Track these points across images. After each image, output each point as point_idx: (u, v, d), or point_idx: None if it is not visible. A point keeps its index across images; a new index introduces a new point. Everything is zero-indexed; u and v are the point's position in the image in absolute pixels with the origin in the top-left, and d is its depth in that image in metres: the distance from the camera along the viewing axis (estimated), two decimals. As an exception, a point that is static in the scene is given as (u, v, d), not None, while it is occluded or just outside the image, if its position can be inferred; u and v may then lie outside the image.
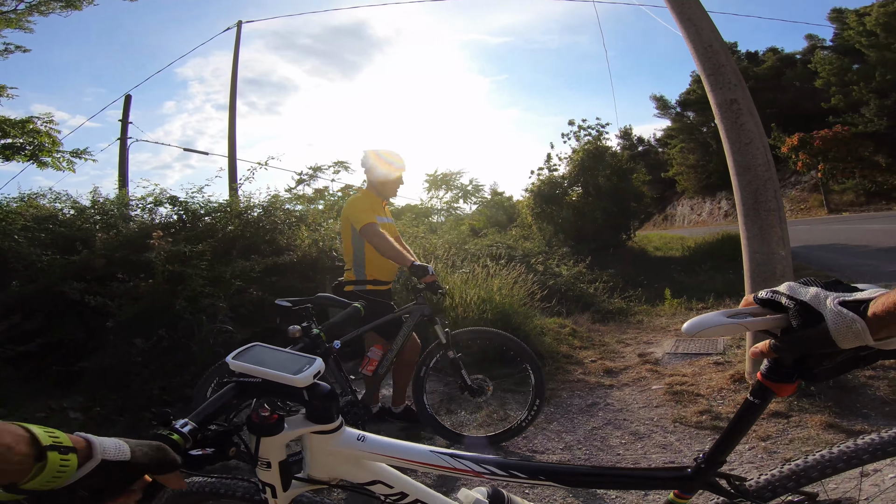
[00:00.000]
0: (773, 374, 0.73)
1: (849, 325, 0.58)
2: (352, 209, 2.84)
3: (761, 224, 2.96)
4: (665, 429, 2.70)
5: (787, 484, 0.91)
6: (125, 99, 10.80)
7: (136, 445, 0.61)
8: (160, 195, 5.59)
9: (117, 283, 3.99)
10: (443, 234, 8.94)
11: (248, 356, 0.83)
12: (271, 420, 0.79)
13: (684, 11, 3.15)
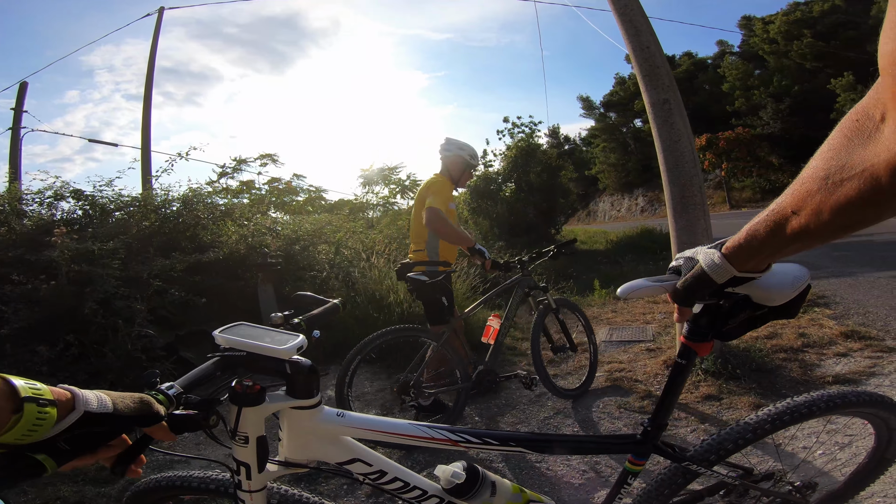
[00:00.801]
0: (692, 335, 0.89)
1: (712, 259, 0.72)
2: (429, 191, 2.96)
3: (689, 217, 3.16)
4: (612, 415, 2.81)
5: (726, 447, 1.05)
6: (20, 86, 9.79)
7: (118, 398, 0.62)
8: (61, 189, 5.01)
9: (11, 286, 3.51)
10: (381, 228, 8.79)
11: (234, 331, 0.83)
12: (254, 390, 0.79)
13: (626, 14, 3.29)
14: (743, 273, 0.72)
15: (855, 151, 0.49)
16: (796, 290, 0.79)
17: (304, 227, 6.42)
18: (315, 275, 5.30)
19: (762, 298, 0.79)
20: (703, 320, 0.87)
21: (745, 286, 0.78)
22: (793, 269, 0.81)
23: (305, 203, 11.83)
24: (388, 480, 0.91)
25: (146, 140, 9.25)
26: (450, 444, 0.92)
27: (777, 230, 0.62)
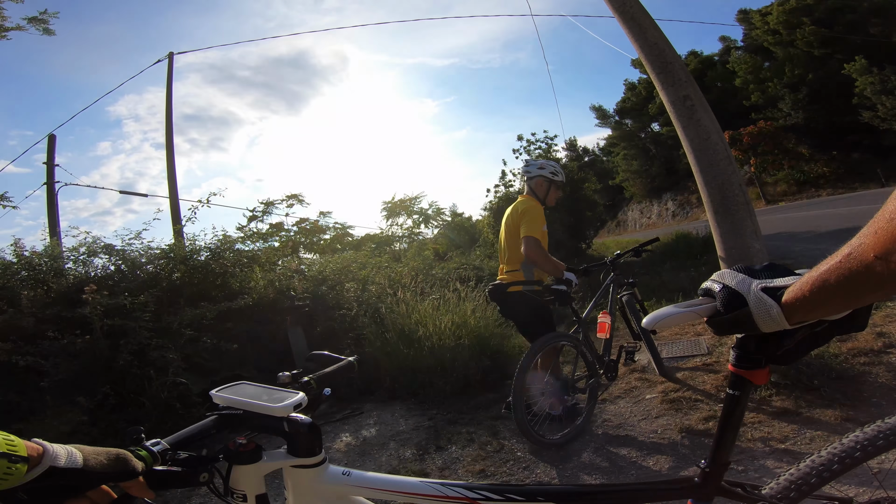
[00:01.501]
0: (742, 363, 0.76)
1: (767, 310, 0.64)
2: (527, 217, 3.07)
3: (733, 219, 2.99)
4: (673, 440, 2.61)
5: (809, 481, 0.90)
6: (49, 139, 9.88)
7: (91, 453, 0.62)
8: (93, 244, 5.17)
9: (49, 342, 3.61)
10: (407, 261, 8.77)
11: (232, 390, 0.84)
12: (248, 447, 0.79)
13: (626, 12, 3.21)
14: (792, 326, 0.63)
15: None
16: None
17: (330, 266, 6.45)
18: (344, 313, 5.28)
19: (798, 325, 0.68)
20: (752, 344, 0.75)
21: None
22: None
23: (333, 241, 11.98)
24: None
25: (173, 188, 9.39)
26: (467, 503, 0.84)
27: (854, 279, 0.51)
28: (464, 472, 2.62)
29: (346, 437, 3.32)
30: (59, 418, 3.26)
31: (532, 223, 3.04)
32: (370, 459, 2.91)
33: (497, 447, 2.86)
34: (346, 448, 3.15)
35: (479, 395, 3.74)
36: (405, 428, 3.34)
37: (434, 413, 3.54)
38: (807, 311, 0.60)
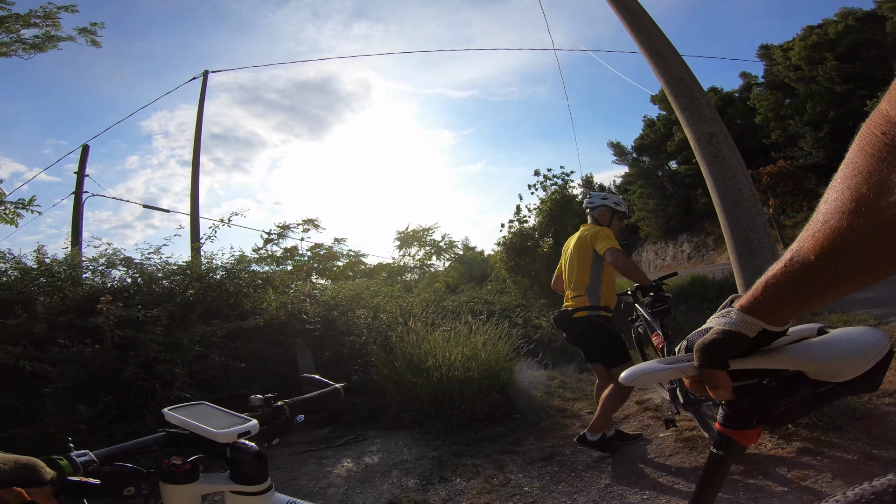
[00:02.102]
0: (730, 422, 0.70)
1: (728, 315, 0.61)
2: (601, 236, 3.07)
3: (756, 262, 2.94)
4: (688, 479, 2.49)
5: None
6: (82, 149, 10.15)
7: (2, 460, 0.63)
8: (113, 256, 5.24)
9: (58, 349, 3.62)
10: (418, 292, 8.74)
11: (186, 410, 0.83)
12: (183, 468, 0.77)
13: (652, 46, 3.26)
14: (773, 326, 0.60)
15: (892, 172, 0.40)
16: (870, 361, 0.62)
17: (343, 292, 6.45)
18: (354, 339, 5.23)
19: (823, 373, 0.63)
20: (743, 402, 0.69)
21: (800, 359, 0.63)
22: (862, 333, 0.65)
23: (346, 268, 12.02)
24: None
25: (195, 205, 9.47)
26: None
27: (801, 281, 0.53)
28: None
29: (348, 463, 3.22)
30: (57, 425, 3.24)
31: (608, 239, 3.04)
32: (371, 487, 2.80)
33: (503, 481, 2.74)
34: (346, 474, 3.04)
35: (487, 429, 3.63)
36: (409, 457, 3.22)
37: (439, 444, 3.42)
38: (769, 310, 0.59)
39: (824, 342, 0.65)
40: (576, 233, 3.38)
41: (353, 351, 5.08)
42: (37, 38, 7.54)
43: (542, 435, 3.35)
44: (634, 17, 3.42)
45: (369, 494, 2.70)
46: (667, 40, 3.32)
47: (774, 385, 0.67)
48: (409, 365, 4.35)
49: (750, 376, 0.67)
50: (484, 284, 12.80)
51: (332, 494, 2.75)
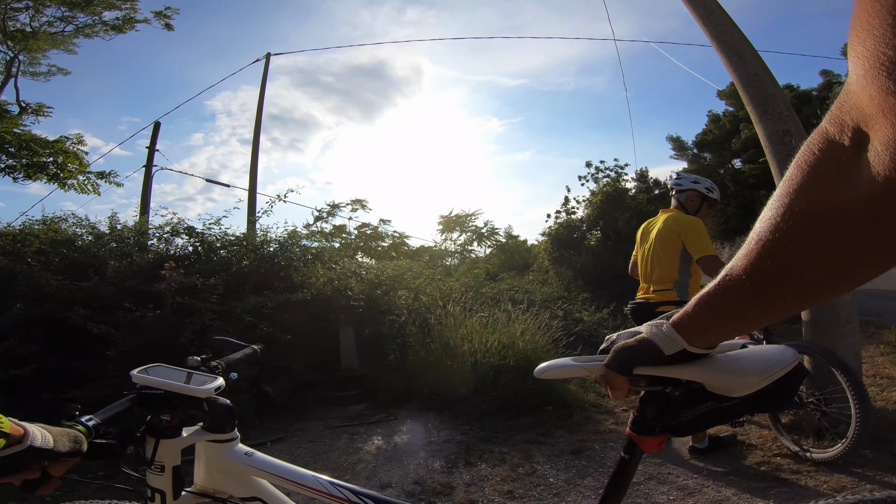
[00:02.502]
0: (636, 426, 0.71)
1: (659, 327, 0.61)
2: (693, 234, 2.81)
3: None
4: (718, 482, 2.41)
5: None
6: (154, 126, 10.80)
7: (57, 435, 0.70)
8: (178, 225, 5.54)
9: (123, 313, 3.87)
10: (458, 276, 8.76)
11: (153, 371, 0.91)
12: (171, 424, 0.89)
13: (725, 41, 3.06)
14: (694, 348, 0.60)
15: (826, 190, 0.38)
16: (766, 379, 0.62)
17: (387, 272, 6.56)
18: (394, 319, 5.32)
19: (719, 387, 0.63)
20: (649, 410, 0.70)
21: (698, 371, 0.63)
22: (769, 351, 0.65)
23: (390, 248, 12.22)
24: None
25: (253, 181, 9.89)
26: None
27: (731, 301, 0.51)
28: (490, 490, 2.52)
29: (378, 441, 3.31)
30: (115, 389, 3.39)
31: (703, 241, 2.79)
32: (398, 465, 2.87)
33: (528, 470, 2.73)
34: (376, 451, 3.13)
35: (517, 417, 3.62)
36: (437, 439, 3.27)
37: (468, 429, 3.45)
38: (696, 329, 0.58)
39: (727, 357, 0.64)
40: (656, 218, 3.12)
41: (393, 330, 5.17)
42: (117, 21, 8.01)
43: (574, 428, 3.31)
44: (707, 11, 3.22)
45: (395, 473, 2.77)
46: (741, 34, 3.10)
47: (678, 395, 0.67)
48: (445, 348, 4.39)
49: (656, 383, 0.67)
50: (525, 274, 12.65)
51: (361, 470, 2.84)
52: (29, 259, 4.25)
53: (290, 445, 3.31)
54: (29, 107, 11.46)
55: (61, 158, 8.82)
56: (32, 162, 8.66)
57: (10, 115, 10.31)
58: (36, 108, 11.47)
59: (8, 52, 11.18)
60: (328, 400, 4.23)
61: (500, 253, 16.02)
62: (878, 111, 0.31)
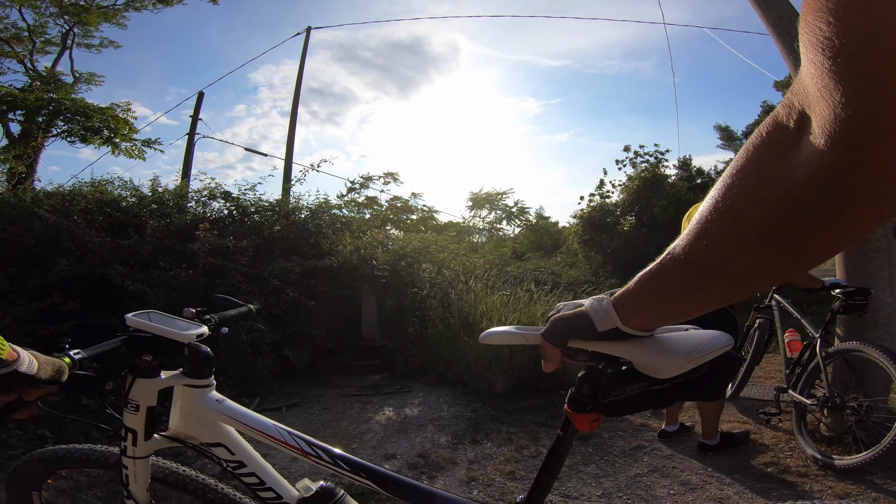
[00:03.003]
0: (571, 402, 0.70)
1: (599, 301, 0.60)
2: None
3: (865, 266, 2.56)
4: (721, 480, 2.33)
5: None
6: (198, 95, 11.15)
7: (43, 362, 0.73)
8: (215, 189, 5.69)
9: (158, 272, 4.01)
10: (484, 253, 8.68)
11: (144, 316, 0.95)
12: (151, 364, 0.92)
13: (784, 28, 2.82)
14: (628, 328, 0.58)
15: (766, 174, 0.37)
16: (692, 362, 0.60)
17: (412, 244, 6.55)
18: (416, 291, 5.33)
19: (647, 367, 0.62)
20: (585, 387, 0.69)
21: (628, 349, 0.61)
22: (699, 335, 0.64)
23: (419, 222, 12.24)
24: (245, 473, 0.95)
25: (290, 151, 10.10)
26: (300, 454, 0.90)
27: (667, 280, 0.50)
28: (493, 469, 2.51)
29: (389, 412, 3.35)
30: None
31: None
32: (405, 438, 2.90)
33: (533, 452, 2.71)
34: (385, 422, 3.17)
35: (529, 398, 3.59)
36: (447, 414, 3.29)
37: (478, 406, 3.45)
38: (632, 307, 0.57)
39: (658, 337, 0.62)
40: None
41: (415, 303, 5.19)
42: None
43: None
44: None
45: (402, 444, 2.80)
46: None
47: (610, 372, 0.66)
48: (464, 324, 4.37)
49: (594, 359, 0.66)
50: (553, 255, 12.44)
51: (368, 440, 2.88)
52: (75, 217, 4.43)
53: (304, 411, 3.39)
54: (82, 76, 12.03)
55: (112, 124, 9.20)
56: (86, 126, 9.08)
57: (66, 84, 10.84)
58: (88, 77, 12.03)
59: (64, 24, 11.63)
60: (347, 368, 4.30)
61: (528, 233, 15.78)
62: (816, 92, 0.30)
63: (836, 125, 0.29)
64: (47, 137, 9.77)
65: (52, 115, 9.24)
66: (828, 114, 0.29)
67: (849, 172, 0.30)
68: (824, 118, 0.29)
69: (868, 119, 0.27)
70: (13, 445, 2.33)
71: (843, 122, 0.28)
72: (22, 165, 8.26)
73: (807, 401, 2.59)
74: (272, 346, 3.93)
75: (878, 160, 0.28)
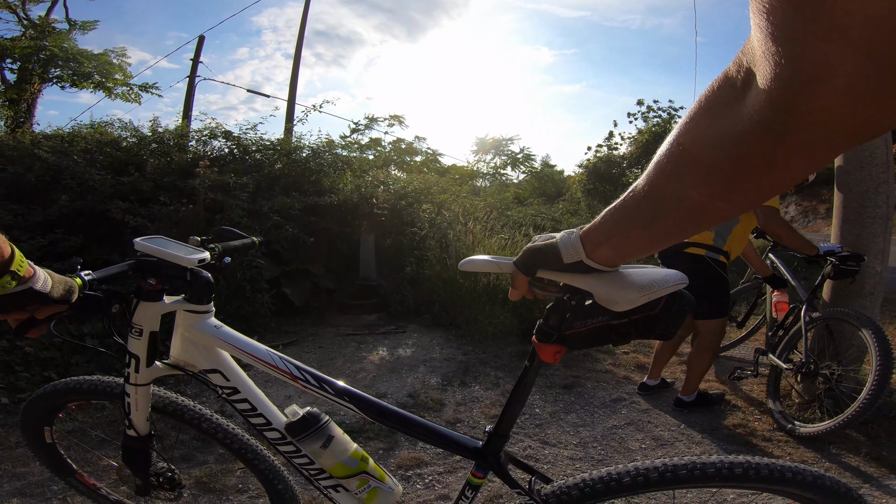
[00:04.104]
0: (538, 333, 0.72)
1: (569, 234, 0.61)
2: None
3: (860, 232, 2.42)
4: (691, 438, 2.34)
5: (595, 486, 0.80)
6: (199, 39, 10.84)
7: (58, 282, 0.73)
8: (215, 129, 5.49)
9: (159, 206, 3.92)
10: (485, 196, 8.49)
11: (152, 241, 0.93)
12: (155, 288, 0.93)
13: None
14: (592, 261, 0.60)
15: (714, 123, 0.39)
16: (646, 296, 0.62)
17: (413, 184, 6.38)
18: (415, 231, 5.24)
19: (604, 299, 0.64)
20: (552, 318, 0.71)
21: (589, 281, 0.63)
22: (655, 271, 0.65)
23: (422, 164, 11.92)
24: (238, 399, 0.96)
25: (293, 91, 9.80)
26: (290, 378, 0.91)
27: (628, 215, 0.53)
28: (478, 412, 2.53)
29: (382, 352, 3.35)
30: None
31: None
32: (397, 378, 2.91)
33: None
34: (379, 361, 3.18)
35: (520, 344, 3.58)
36: (438, 356, 3.29)
37: (470, 349, 3.45)
38: (596, 241, 0.59)
39: (620, 272, 0.63)
40: None
41: (413, 243, 5.11)
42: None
43: (571, 363, 3.25)
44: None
45: (393, 384, 2.82)
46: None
47: (574, 304, 0.67)
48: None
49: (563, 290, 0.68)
50: (555, 202, 12.22)
51: (361, 378, 2.89)
52: (75, 157, 4.31)
53: (300, 349, 3.39)
54: (76, 24, 11.48)
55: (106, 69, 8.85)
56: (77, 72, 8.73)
57: (59, 32, 10.38)
58: (83, 24, 11.51)
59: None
60: (344, 307, 4.29)
61: (532, 180, 15.40)
62: (760, 53, 0.32)
63: (775, 82, 0.31)
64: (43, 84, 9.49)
65: (45, 62, 8.96)
66: (768, 72, 0.31)
67: (782, 123, 0.32)
68: (765, 76, 0.32)
69: (798, 77, 0.29)
70: (21, 388, 2.35)
71: (780, 79, 0.30)
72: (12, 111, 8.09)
73: (783, 365, 2.54)
74: (271, 283, 3.90)
75: (805, 113, 0.30)
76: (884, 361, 2.04)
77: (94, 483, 1.40)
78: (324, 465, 0.96)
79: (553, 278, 0.66)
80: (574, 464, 2.10)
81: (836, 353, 2.47)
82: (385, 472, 1.02)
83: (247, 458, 1.13)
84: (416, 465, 1.99)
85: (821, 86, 0.28)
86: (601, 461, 2.14)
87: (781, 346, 2.66)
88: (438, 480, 1.91)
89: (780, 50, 0.29)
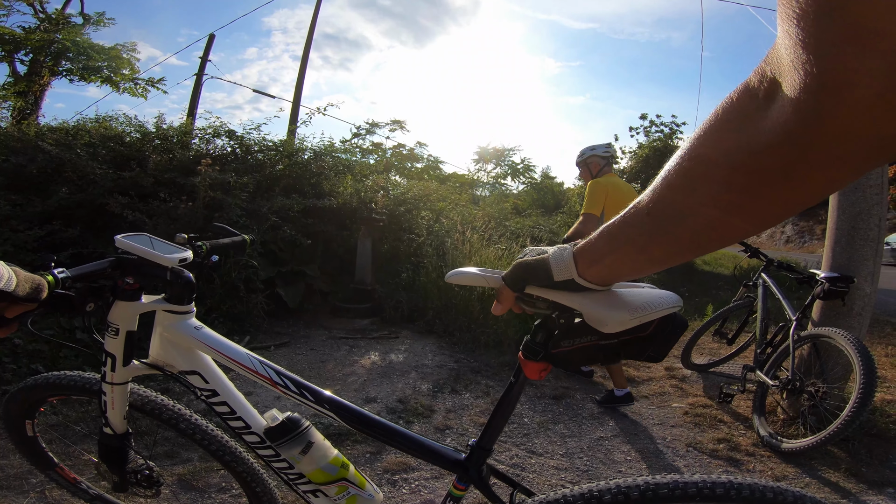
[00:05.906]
0: (524, 349, 0.70)
1: (562, 250, 0.59)
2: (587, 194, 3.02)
3: (852, 254, 2.42)
4: (676, 451, 2.33)
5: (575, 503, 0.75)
6: (209, 37, 10.88)
7: (23, 279, 0.69)
8: (219, 127, 5.48)
9: (158, 202, 3.90)
10: (484, 206, 8.49)
11: (134, 238, 0.90)
12: (131, 287, 0.89)
13: None
14: (584, 279, 0.57)
15: (730, 137, 0.36)
16: (637, 318, 0.58)
17: (413, 190, 6.38)
18: (413, 238, 5.23)
19: (594, 319, 0.60)
20: (539, 335, 0.68)
21: (579, 300, 0.60)
22: (648, 292, 0.61)
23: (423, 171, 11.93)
24: (217, 402, 0.93)
25: (298, 93, 9.78)
26: (269, 384, 0.89)
27: (628, 233, 0.50)
28: (468, 419, 2.50)
29: (375, 357, 3.33)
30: None
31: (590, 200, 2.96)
32: (388, 383, 2.89)
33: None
34: (370, 366, 3.15)
35: (511, 355, 3.56)
36: (430, 363, 3.27)
37: (462, 357, 3.43)
38: (590, 258, 0.56)
39: (612, 291, 0.60)
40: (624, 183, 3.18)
41: (410, 249, 5.09)
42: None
43: (562, 375, 3.23)
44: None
45: (383, 389, 2.79)
46: None
47: (563, 322, 0.65)
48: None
49: (552, 307, 0.65)
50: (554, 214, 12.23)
51: (351, 383, 2.86)
52: (78, 150, 4.29)
53: (291, 351, 3.36)
54: (90, 18, 11.56)
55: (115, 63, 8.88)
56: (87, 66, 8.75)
57: (73, 25, 10.41)
58: (97, 18, 11.58)
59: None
60: (338, 311, 4.26)
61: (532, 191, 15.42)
62: (788, 62, 0.30)
63: (804, 93, 0.29)
64: (53, 76, 9.51)
65: (57, 55, 8.96)
66: (797, 81, 0.29)
67: (809, 134, 0.30)
68: (793, 85, 0.30)
69: (827, 85, 0.28)
70: (7, 380, 2.32)
71: (809, 88, 0.29)
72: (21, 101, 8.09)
73: (770, 381, 2.54)
74: (266, 283, 3.88)
75: (833, 123, 0.29)
76: (867, 380, 2.04)
77: (74, 477, 1.37)
78: (303, 471, 0.94)
79: (542, 295, 0.63)
80: (559, 474, 2.08)
81: (822, 371, 2.47)
82: (366, 479, 1.00)
83: (225, 460, 1.11)
84: (402, 469, 1.97)
85: (851, 93, 0.27)
86: (586, 472, 2.12)
87: (769, 363, 2.65)
88: (424, 486, 1.89)
89: (810, 58, 0.28)
